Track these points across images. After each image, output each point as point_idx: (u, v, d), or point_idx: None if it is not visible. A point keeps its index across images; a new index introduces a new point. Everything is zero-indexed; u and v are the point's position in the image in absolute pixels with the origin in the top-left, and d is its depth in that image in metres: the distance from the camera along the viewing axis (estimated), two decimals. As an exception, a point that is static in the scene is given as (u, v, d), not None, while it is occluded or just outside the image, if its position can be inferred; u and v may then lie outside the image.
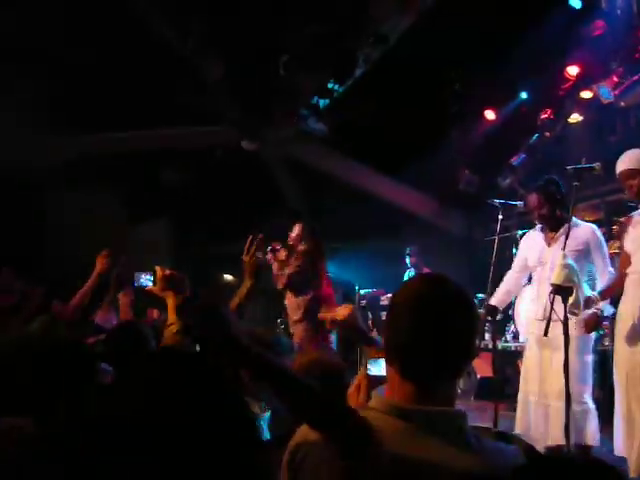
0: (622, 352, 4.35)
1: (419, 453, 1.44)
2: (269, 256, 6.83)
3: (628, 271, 4.41)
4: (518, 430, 4.89)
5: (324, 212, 10.35)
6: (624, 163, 4.45)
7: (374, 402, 1.58)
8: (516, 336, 8.21)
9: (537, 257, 4.88)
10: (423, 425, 1.49)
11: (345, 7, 8.74)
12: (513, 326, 8.28)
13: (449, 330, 1.55)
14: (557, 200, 4.75)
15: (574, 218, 4.77)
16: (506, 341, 8.33)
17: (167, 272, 2.66)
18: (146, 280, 3.02)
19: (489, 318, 5.39)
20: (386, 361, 1.61)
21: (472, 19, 8.70)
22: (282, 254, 6.82)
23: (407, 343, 1.55)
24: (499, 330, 8.27)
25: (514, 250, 8.76)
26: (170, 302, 2.61)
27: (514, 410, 6.96)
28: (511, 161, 9.67)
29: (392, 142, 10.33)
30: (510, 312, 8.29)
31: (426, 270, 9.37)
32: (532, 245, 5.10)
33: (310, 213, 11.81)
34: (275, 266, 6.72)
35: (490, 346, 7.39)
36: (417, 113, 10.10)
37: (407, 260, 9.74)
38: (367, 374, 1.82)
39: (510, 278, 5.47)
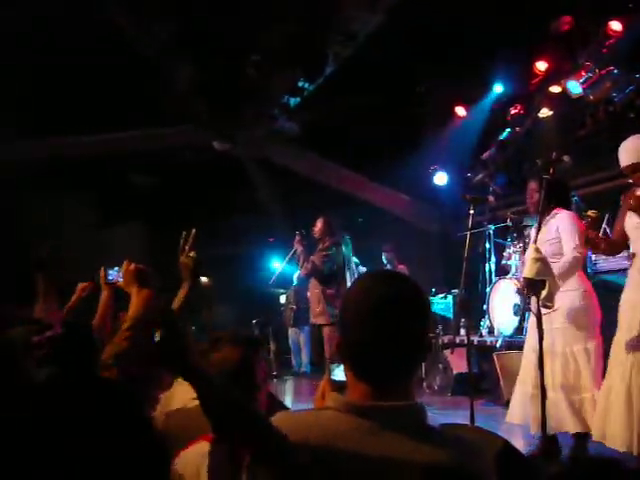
0: (623, 342, 4.24)
1: (378, 450, 1.43)
2: (296, 241, 7.05)
3: (633, 257, 4.34)
4: (515, 420, 4.88)
5: (298, 212, 10.32)
6: (627, 157, 4.32)
7: (331, 401, 1.55)
8: (491, 331, 8.24)
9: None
10: (381, 421, 1.47)
11: (315, 5, 8.72)
12: (488, 321, 8.31)
13: (403, 328, 1.53)
14: (549, 191, 4.56)
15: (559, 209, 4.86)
16: (481, 336, 8.35)
17: (132, 266, 2.64)
18: (115, 276, 2.97)
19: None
20: (341, 360, 1.59)
21: (442, 17, 8.74)
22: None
23: (361, 342, 1.53)
24: (474, 325, 8.31)
25: (487, 245, 8.82)
26: (134, 296, 2.59)
27: (491, 405, 7.05)
28: (482, 156, 9.72)
29: (363, 140, 10.34)
30: (485, 307, 8.33)
31: (400, 267, 9.39)
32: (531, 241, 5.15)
33: (284, 213, 11.81)
34: (300, 251, 6.92)
35: (465, 341, 7.42)
36: (388, 110, 10.13)
37: (383, 257, 9.77)
38: (330, 379, 1.80)
39: None
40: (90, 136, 10.59)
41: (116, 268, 2.88)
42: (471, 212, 5.88)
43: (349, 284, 6.85)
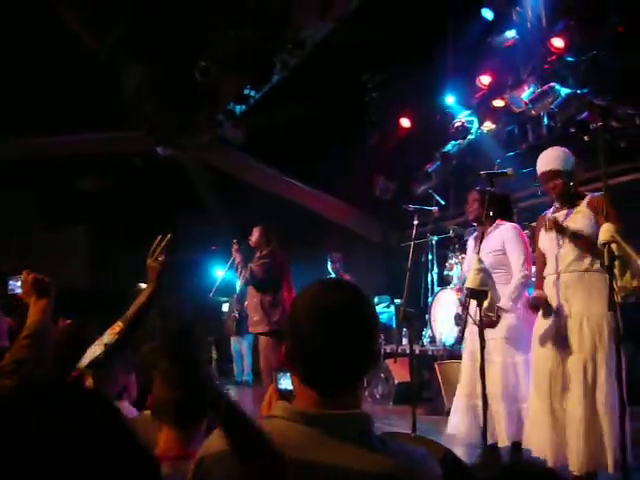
0: (541, 355, 4.31)
1: (322, 458, 1.42)
2: (234, 250, 7.00)
3: (544, 273, 4.39)
4: (460, 431, 4.89)
5: (240, 219, 10.27)
6: (545, 164, 4.28)
7: (278, 410, 1.54)
8: (433, 340, 8.31)
9: (468, 262, 4.86)
10: (326, 429, 1.46)
11: (264, 13, 8.70)
12: (430, 331, 8.38)
13: (348, 336, 1.52)
14: (490, 203, 4.57)
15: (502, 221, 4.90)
16: (423, 345, 8.41)
17: (31, 276, 2.59)
18: (15, 285, 2.89)
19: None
20: (289, 365, 1.58)
21: (390, 28, 8.82)
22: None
23: (309, 348, 1.52)
24: (416, 335, 8.37)
25: (430, 255, 8.90)
26: (31, 306, 2.54)
27: (432, 414, 7.09)
28: (426, 168, 9.81)
29: (308, 149, 10.35)
30: (427, 317, 8.40)
31: (346, 277, 9.38)
32: (469, 250, 5.17)
33: (230, 221, 11.74)
34: (238, 260, 6.89)
35: (408, 351, 7.46)
36: (334, 120, 10.16)
37: (329, 266, 9.76)
38: (277, 388, 1.78)
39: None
40: (38, 139, 10.43)
41: (18, 277, 2.81)
42: (415, 223, 5.92)
43: (286, 293, 6.87)
